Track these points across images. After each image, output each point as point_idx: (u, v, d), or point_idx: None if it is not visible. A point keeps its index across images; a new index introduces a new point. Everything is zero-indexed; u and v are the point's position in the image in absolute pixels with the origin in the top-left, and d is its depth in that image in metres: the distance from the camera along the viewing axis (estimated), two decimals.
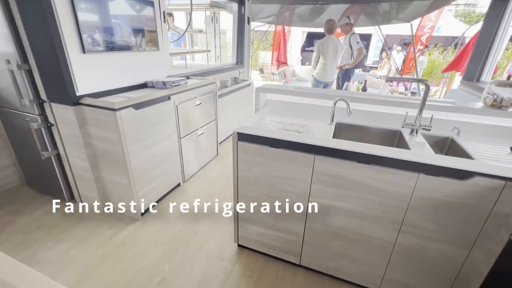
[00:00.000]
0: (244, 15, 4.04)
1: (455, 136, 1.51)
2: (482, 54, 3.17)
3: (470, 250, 1.23)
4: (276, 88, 1.87)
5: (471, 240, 1.22)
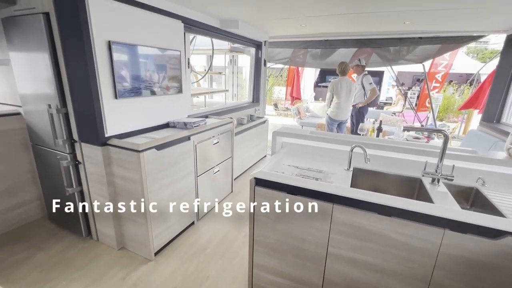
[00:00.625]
0: (261, 58, 4.32)
1: (480, 187, 1.46)
2: (501, 94, 3.15)
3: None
4: (292, 132, 1.93)
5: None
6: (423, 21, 2.97)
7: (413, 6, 2.36)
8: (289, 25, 3.45)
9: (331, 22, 3.22)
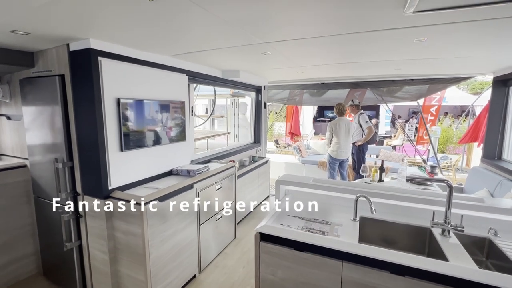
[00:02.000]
0: (261, 101, 4.51)
1: (493, 237, 1.41)
2: (497, 132, 3.21)
3: None
4: (295, 181, 1.93)
5: None
6: (413, 67, 3.16)
7: (402, 57, 2.53)
8: (286, 72, 3.67)
9: (326, 69, 3.43)
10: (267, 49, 2.19)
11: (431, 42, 1.94)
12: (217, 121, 6.71)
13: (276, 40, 1.91)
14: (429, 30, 1.64)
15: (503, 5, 1.19)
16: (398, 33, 1.70)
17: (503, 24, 1.50)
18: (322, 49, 2.23)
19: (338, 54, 2.42)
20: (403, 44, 2.02)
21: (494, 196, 2.59)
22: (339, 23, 1.53)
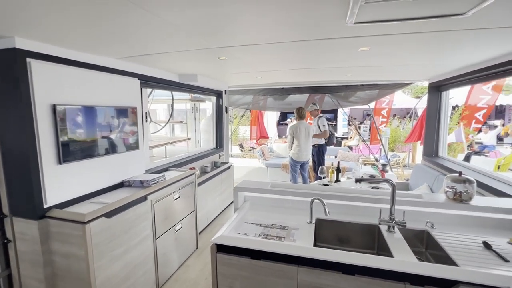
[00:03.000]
0: (222, 106, 4.45)
1: (430, 229, 1.55)
2: (433, 132, 3.60)
3: None
4: (253, 187, 1.91)
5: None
6: (363, 73, 3.40)
7: (352, 64, 2.70)
8: (247, 77, 3.68)
9: (285, 75, 3.52)
10: (222, 53, 2.16)
11: (375, 52, 2.10)
12: (179, 126, 6.47)
13: (230, 45, 1.89)
14: (371, 40, 1.77)
15: (431, 20, 1.33)
16: (344, 42, 1.80)
17: (433, 37, 1.68)
18: (278, 55, 2.27)
19: (294, 60, 2.49)
20: (350, 53, 2.15)
21: (433, 190, 2.89)
22: (290, 31, 1.56)
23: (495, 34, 1.60)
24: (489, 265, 1.21)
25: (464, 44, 1.86)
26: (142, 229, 2.09)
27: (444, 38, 1.69)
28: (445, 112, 3.51)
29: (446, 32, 1.56)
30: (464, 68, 2.71)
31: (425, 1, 1.11)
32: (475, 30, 1.53)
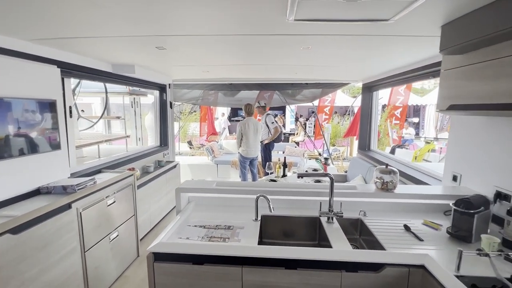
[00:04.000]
0: (166, 101, 4.16)
1: (363, 217, 1.70)
2: (366, 128, 4.01)
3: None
4: (197, 187, 1.81)
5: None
6: (307, 72, 3.56)
7: (296, 62, 2.79)
8: (192, 70, 3.49)
9: (233, 70, 3.45)
10: (161, 43, 1.98)
11: (316, 51, 2.19)
12: (119, 123, 5.82)
13: (169, 34, 1.74)
14: (312, 39, 1.83)
15: (361, 23, 1.42)
16: (287, 39, 1.82)
17: (366, 41, 1.82)
18: (222, 49, 2.19)
19: (240, 55, 2.44)
20: (294, 51, 2.20)
21: (366, 180, 3.21)
22: (233, 24, 1.50)
23: (413, 42, 1.82)
24: (408, 245, 1.37)
25: (389, 49, 2.07)
26: (65, 242, 1.79)
27: (374, 42, 1.86)
28: (375, 110, 3.93)
29: (375, 36, 1.71)
30: (390, 71, 3.06)
31: (356, 5, 1.17)
32: (398, 37, 1.70)
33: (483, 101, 1.28)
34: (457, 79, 1.47)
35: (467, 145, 1.79)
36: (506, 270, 1.10)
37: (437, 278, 1.09)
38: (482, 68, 1.30)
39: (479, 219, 1.35)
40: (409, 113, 15.84)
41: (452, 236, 1.42)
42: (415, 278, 1.20)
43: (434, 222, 1.58)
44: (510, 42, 1.15)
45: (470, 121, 1.77)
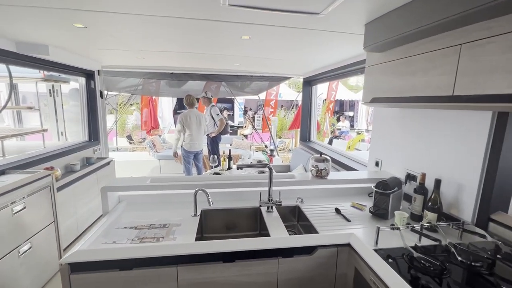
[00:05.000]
0: (95, 89, 3.66)
1: (300, 204, 1.78)
2: (307, 120, 4.25)
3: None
4: (128, 185, 1.63)
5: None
6: (249, 64, 3.55)
7: (238, 53, 2.74)
8: (125, 56, 3.13)
9: (171, 58, 3.22)
10: (79, 19, 1.69)
11: (255, 42, 2.18)
12: (36, 115, 4.87)
13: (86, 9, 1.49)
14: (250, 28, 1.80)
15: (295, 15, 1.45)
16: (225, 26, 1.76)
17: (303, 34, 1.87)
18: (154, 32, 2.00)
19: (176, 41, 2.27)
20: (234, 40, 2.14)
21: (306, 169, 3.41)
22: (162, 2, 1.36)
23: (343, 38, 1.95)
24: (338, 226, 1.49)
25: (323, 44, 2.19)
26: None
27: (309, 36, 1.93)
28: (314, 103, 4.19)
29: (310, 30, 1.78)
30: (327, 67, 3.27)
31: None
32: (330, 32, 1.80)
33: (398, 94, 1.45)
34: (378, 75, 1.63)
35: (387, 134, 2.03)
36: (411, 239, 1.28)
37: (359, 254, 1.21)
38: (397, 65, 1.46)
39: (393, 198, 1.55)
40: (346, 107, 17.57)
41: (373, 215, 1.60)
42: (343, 255, 1.31)
43: (360, 204, 1.76)
44: (418, 42, 1.31)
45: (389, 113, 2.01)
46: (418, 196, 1.51)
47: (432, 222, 1.38)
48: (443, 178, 1.47)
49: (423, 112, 1.67)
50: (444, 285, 0.99)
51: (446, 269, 1.06)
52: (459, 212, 1.42)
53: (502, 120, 1.21)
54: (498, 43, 0.95)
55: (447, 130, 1.49)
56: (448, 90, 1.14)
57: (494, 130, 1.24)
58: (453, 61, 1.12)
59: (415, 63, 1.33)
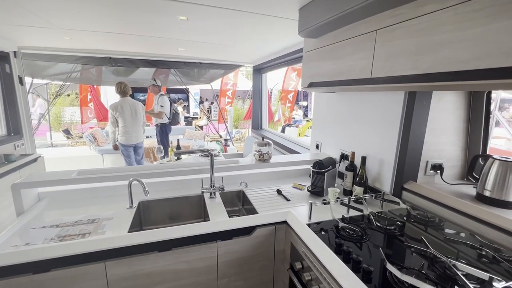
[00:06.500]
0: (12, 75, 3.13)
1: (245, 189, 1.80)
2: (258, 108, 4.30)
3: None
4: (48, 180, 1.44)
5: (271, 281, 1.41)
6: (194, 50, 3.39)
7: (179, 36, 2.59)
8: (47, 35, 2.71)
9: (104, 40, 2.90)
10: None
11: (194, 23, 2.07)
12: None
13: None
14: (186, 8, 1.70)
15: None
16: (157, 3, 1.63)
17: (237, 16, 1.83)
18: (73, 5, 1.76)
19: (104, 18, 2.04)
20: (171, 21, 2.01)
21: None
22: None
23: (280, 23, 1.97)
24: (278, 206, 1.54)
25: (262, 29, 2.19)
26: None
27: (248, 19, 1.90)
28: (265, 91, 4.24)
29: (244, 12, 1.75)
30: (274, 54, 3.31)
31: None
32: (265, 16, 1.80)
33: (330, 78, 1.53)
34: (313, 60, 1.70)
35: (325, 118, 2.16)
36: (341, 212, 1.39)
37: (294, 229, 1.27)
38: (328, 50, 1.54)
39: (328, 176, 1.66)
40: (300, 97, 18.27)
41: (311, 193, 1.70)
42: (280, 232, 1.36)
43: (300, 184, 1.85)
44: (344, 28, 1.39)
45: (327, 98, 2.13)
46: (349, 173, 1.64)
47: (359, 195, 1.52)
48: (369, 155, 1.62)
49: (352, 95, 1.81)
50: (364, 248, 1.10)
51: (366, 235, 1.18)
52: (381, 185, 1.59)
53: (411, 99, 1.37)
54: (403, 29, 1.06)
55: (371, 111, 1.64)
56: (367, 73, 1.24)
57: (405, 109, 1.40)
58: (370, 46, 1.22)
59: (343, 48, 1.41)
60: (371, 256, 1.04)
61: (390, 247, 1.10)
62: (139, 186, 1.50)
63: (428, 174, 1.47)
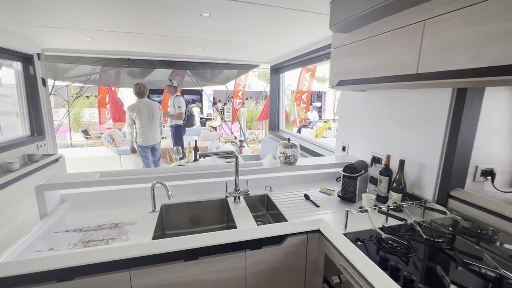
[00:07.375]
0: (36, 76, 3.19)
1: (269, 193, 1.71)
2: (275, 109, 4.20)
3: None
4: (71, 182, 1.41)
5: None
6: (213, 50, 3.35)
7: (198, 35, 2.54)
8: (69, 37, 2.74)
9: (124, 40, 2.90)
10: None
11: (217, 20, 2.01)
12: None
13: None
14: (211, 4, 1.64)
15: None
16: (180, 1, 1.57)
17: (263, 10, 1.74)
18: (97, 5, 1.73)
19: (125, 18, 2.01)
20: (193, 18, 1.96)
21: (275, 157, 3.37)
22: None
23: (307, 17, 1.87)
24: (307, 213, 1.44)
25: (286, 25, 2.09)
26: None
27: (271, 13, 1.81)
28: (282, 91, 4.14)
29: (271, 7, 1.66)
30: (293, 53, 3.21)
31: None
32: (292, 10, 1.71)
33: (363, 75, 1.41)
34: (344, 57, 1.59)
35: (352, 119, 2.03)
36: (379, 221, 1.27)
37: (329, 239, 1.16)
38: (362, 45, 1.43)
39: (361, 181, 1.54)
40: (313, 98, 18.01)
41: (342, 199, 1.59)
42: (312, 242, 1.26)
43: (328, 189, 1.74)
44: (382, 20, 1.28)
45: (354, 98, 2.00)
46: (384, 178, 1.52)
47: (397, 202, 1.39)
48: (407, 158, 1.49)
49: (385, 94, 1.68)
50: (410, 264, 0.98)
51: (412, 248, 1.05)
52: (421, 191, 1.45)
53: (461, 97, 1.23)
54: (460, 16, 0.93)
55: (409, 111, 1.51)
56: (412, 68, 1.12)
57: (453, 108, 1.26)
58: (416, 38, 1.10)
59: (380, 42, 1.30)
60: (423, 273, 0.92)
61: (441, 263, 0.98)
62: (161, 189, 1.43)
63: (478, 180, 1.32)
